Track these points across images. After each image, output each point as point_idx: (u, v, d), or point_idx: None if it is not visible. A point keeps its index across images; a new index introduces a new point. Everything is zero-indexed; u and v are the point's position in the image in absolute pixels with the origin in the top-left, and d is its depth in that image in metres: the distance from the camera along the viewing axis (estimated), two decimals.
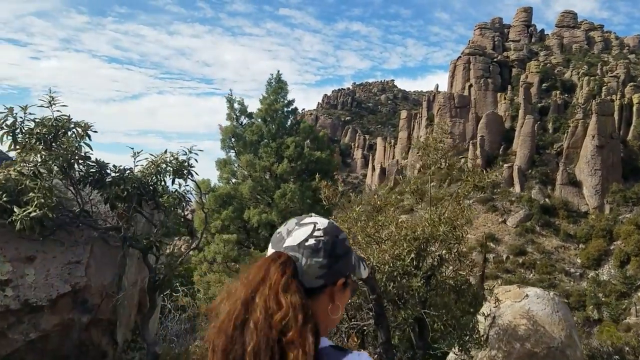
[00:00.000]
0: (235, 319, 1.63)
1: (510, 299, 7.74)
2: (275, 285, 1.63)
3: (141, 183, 5.15)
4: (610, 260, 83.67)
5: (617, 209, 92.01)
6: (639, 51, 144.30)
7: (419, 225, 6.52)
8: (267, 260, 1.76)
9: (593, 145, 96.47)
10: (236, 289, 1.72)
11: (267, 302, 1.60)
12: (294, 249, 1.75)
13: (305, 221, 1.85)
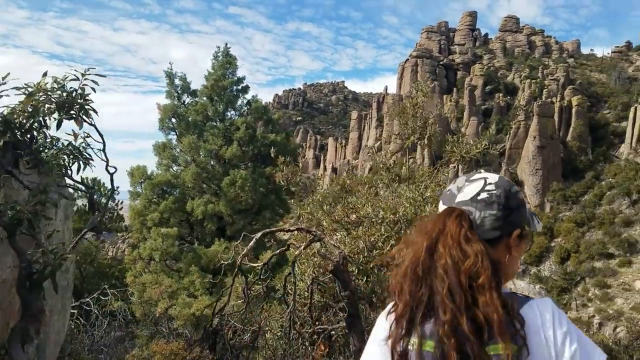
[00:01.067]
0: (422, 264, 1.70)
1: None
2: (456, 236, 1.71)
3: (10, 128, 3.35)
4: (551, 257, 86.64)
5: (557, 208, 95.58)
6: (578, 55, 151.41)
7: (400, 206, 5.41)
8: (442, 214, 1.83)
9: (534, 146, 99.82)
10: (414, 239, 1.80)
11: (451, 251, 1.68)
12: (466, 204, 1.82)
13: (475, 177, 1.90)
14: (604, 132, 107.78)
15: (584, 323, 69.90)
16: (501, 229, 1.79)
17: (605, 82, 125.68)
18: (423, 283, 1.68)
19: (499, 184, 1.85)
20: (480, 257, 1.65)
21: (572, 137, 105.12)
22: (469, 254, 1.66)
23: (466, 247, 1.68)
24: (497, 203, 1.79)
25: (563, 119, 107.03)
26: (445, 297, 1.60)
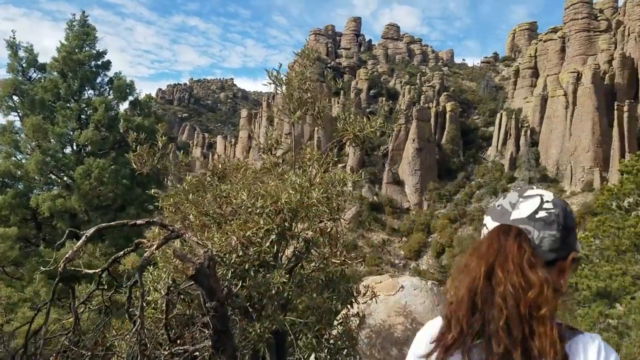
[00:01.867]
0: (480, 291, 1.60)
1: (383, 291, 6.27)
2: (519, 260, 1.61)
3: None
4: (428, 252, 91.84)
5: (433, 205, 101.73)
6: (451, 64, 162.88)
7: (282, 192, 4.51)
8: (496, 233, 1.71)
9: (413, 148, 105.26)
10: (467, 264, 1.69)
11: (512, 277, 1.57)
12: (524, 222, 1.70)
13: (530, 193, 1.79)
14: (474, 136, 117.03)
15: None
16: (558, 251, 1.69)
17: (475, 90, 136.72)
18: (481, 312, 1.57)
19: (557, 202, 1.74)
20: (546, 286, 1.55)
21: (447, 140, 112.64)
22: (534, 282, 1.55)
23: (530, 274, 1.57)
24: (556, 223, 1.69)
25: (438, 123, 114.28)
26: (502, 329, 1.51)
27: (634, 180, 12.01)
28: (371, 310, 6.11)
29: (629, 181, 12.07)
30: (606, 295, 10.35)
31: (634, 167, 12.32)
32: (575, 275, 10.85)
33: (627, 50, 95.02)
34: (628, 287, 10.19)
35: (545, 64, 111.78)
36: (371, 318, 6.05)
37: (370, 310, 6.10)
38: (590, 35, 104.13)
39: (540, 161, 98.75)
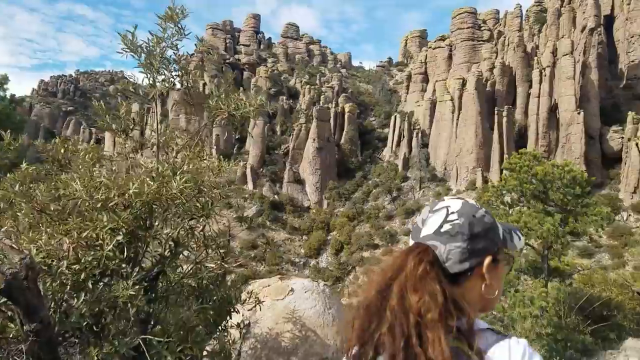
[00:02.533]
0: (372, 303, 1.68)
1: (270, 296, 5.65)
2: (412, 273, 1.67)
3: None
4: (328, 249, 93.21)
5: (333, 204, 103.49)
6: (349, 67, 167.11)
7: (134, 180, 3.60)
8: (405, 251, 1.79)
9: (313, 147, 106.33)
10: (371, 280, 1.78)
11: (402, 290, 1.64)
12: (431, 238, 1.76)
13: (438, 206, 1.82)
14: (371, 137, 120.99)
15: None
16: (469, 260, 1.70)
17: (371, 93, 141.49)
18: (373, 323, 1.64)
19: (462, 211, 1.76)
20: (430, 294, 1.58)
21: (345, 140, 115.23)
22: (420, 294, 1.60)
23: (418, 285, 1.62)
24: (460, 234, 1.71)
25: (338, 124, 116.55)
26: (385, 335, 1.57)
27: (516, 177, 12.67)
28: (257, 317, 5.48)
29: (512, 178, 12.72)
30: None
31: (517, 164, 13.00)
32: None
33: (507, 59, 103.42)
34: (513, 280, 10.62)
35: (435, 70, 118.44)
36: (257, 326, 5.42)
37: (256, 317, 5.46)
38: (474, 44, 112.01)
39: (431, 161, 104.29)
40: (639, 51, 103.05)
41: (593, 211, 12.44)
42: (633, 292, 15.24)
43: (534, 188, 12.57)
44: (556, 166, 13.30)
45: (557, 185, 12.72)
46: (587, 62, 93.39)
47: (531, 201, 13.01)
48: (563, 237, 11.43)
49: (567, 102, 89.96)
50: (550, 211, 12.62)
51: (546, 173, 12.77)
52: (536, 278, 12.10)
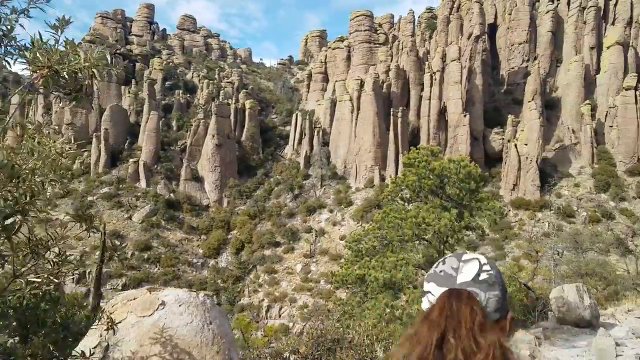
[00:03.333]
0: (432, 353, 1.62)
1: (135, 311, 4.70)
2: (470, 324, 1.64)
3: None
4: (228, 249, 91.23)
5: (233, 202, 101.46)
6: (250, 62, 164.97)
7: None
8: (447, 297, 1.74)
9: (213, 144, 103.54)
10: (418, 332, 1.70)
11: (463, 343, 1.60)
12: (470, 285, 1.76)
13: (466, 257, 1.85)
14: (272, 134, 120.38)
15: (255, 307, 76.10)
16: (500, 311, 1.73)
17: (273, 90, 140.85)
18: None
19: (491, 264, 1.80)
20: (493, 350, 1.57)
21: (246, 137, 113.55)
22: (482, 346, 1.58)
23: (479, 339, 1.59)
24: (497, 283, 1.75)
25: (238, 120, 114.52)
26: None
27: (415, 172, 12.71)
28: (118, 338, 4.53)
29: (411, 173, 12.75)
30: (392, 285, 10.57)
31: (415, 159, 13.05)
32: (363, 267, 10.87)
33: (401, 63, 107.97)
34: (411, 276, 10.53)
35: (334, 70, 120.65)
36: (117, 350, 4.47)
37: (116, 339, 4.52)
38: (371, 47, 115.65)
39: (331, 160, 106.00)
40: (519, 59, 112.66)
41: (487, 205, 12.71)
42: (520, 284, 16.03)
43: (432, 183, 12.66)
44: (452, 161, 13.50)
45: (453, 180, 12.92)
46: (473, 67, 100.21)
47: (429, 196, 13.12)
48: (459, 231, 11.53)
49: (455, 105, 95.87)
50: (447, 206, 12.75)
51: (443, 168, 12.94)
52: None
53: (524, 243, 76.19)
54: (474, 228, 12.57)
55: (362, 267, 10.74)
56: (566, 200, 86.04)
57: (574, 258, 42.93)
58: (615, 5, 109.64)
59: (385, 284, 10.44)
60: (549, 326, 14.60)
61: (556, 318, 15.71)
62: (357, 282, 10.60)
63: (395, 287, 10.55)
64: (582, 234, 70.04)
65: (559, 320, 15.65)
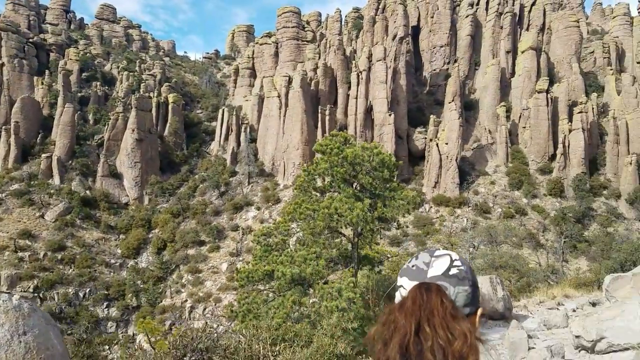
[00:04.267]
0: (411, 346, 1.67)
1: None
2: (443, 314, 1.71)
3: None
4: (149, 248, 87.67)
5: (155, 200, 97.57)
6: (173, 55, 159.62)
7: None
8: (418, 290, 1.81)
9: (133, 139, 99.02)
10: (396, 319, 1.77)
11: (439, 331, 1.67)
12: (440, 279, 1.83)
13: (438, 253, 1.92)
14: (197, 130, 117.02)
15: (178, 309, 73.54)
16: (470, 306, 1.81)
17: (198, 84, 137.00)
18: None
19: (463, 261, 1.89)
20: (469, 336, 1.66)
21: (169, 133, 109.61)
22: (458, 333, 1.66)
23: (454, 326, 1.68)
24: (467, 279, 1.83)
25: (160, 114, 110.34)
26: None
27: (327, 159, 12.15)
28: None
29: (323, 161, 12.19)
30: (301, 281, 9.97)
31: (328, 146, 12.49)
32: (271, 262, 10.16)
33: (329, 61, 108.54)
34: (322, 271, 9.96)
35: (262, 65, 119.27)
36: None
37: None
38: (299, 44, 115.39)
39: (259, 157, 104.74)
40: (440, 61, 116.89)
41: (400, 195, 12.34)
42: None
43: (344, 171, 12.06)
44: (366, 148, 12.99)
45: (366, 168, 12.44)
46: (397, 68, 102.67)
47: (342, 185, 12.55)
48: (372, 222, 11.05)
49: (380, 104, 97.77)
50: (360, 196, 12.24)
51: (356, 155, 12.37)
52: (346, 267, 11.68)
53: (444, 238, 79.06)
54: (388, 220, 12.14)
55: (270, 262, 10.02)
56: (483, 197, 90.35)
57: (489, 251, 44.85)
58: (530, 12, 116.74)
59: (294, 280, 9.80)
60: None
61: None
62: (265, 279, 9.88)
63: (305, 283, 9.94)
64: (497, 229, 73.81)
65: None
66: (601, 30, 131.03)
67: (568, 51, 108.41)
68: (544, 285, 31.69)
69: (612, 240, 70.08)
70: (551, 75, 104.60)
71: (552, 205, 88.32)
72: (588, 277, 32.21)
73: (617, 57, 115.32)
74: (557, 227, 79.89)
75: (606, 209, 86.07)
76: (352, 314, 8.77)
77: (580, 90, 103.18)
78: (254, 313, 9.53)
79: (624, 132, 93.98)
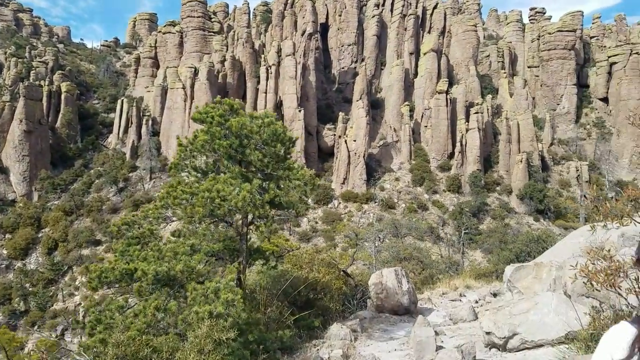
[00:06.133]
0: None
1: None
2: None
3: None
4: (39, 248, 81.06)
5: (45, 196, 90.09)
6: (68, 42, 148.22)
7: None
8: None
9: (21, 130, 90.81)
10: None
11: None
12: None
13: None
14: (94, 121, 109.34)
15: (70, 313, 68.11)
16: None
17: (95, 73, 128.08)
18: None
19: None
20: None
21: (62, 124, 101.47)
22: None
23: None
24: None
25: (52, 104, 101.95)
26: None
27: (208, 130, 10.58)
28: None
29: (203, 133, 10.64)
30: (169, 281, 8.49)
31: (209, 114, 10.89)
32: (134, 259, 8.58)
33: (237, 54, 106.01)
34: (197, 267, 8.52)
35: (165, 55, 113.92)
36: None
37: None
38: (205, 35, 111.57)
39: (162, 151, 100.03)
40: (348, 59, 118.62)
41: (296, 175, 10.88)
42: (339, 271, 15.32)
43: (229, 145, 10.43)
44: (255, 118, 11.15)
45: (255, 142, 10.75)
46: (307, 64, 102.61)
47: (227, 163, 10.94)
48: (262, 207, 9.65)
49: (290, 100, 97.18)
50: (249, 176, 10.76)
51: (242, 126, 10.55)
52: (233, 263, 10.30)
53: (352, 233, 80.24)
54: (284, 206, 10.70)
55: (132, 259, 8.45)
56: (388, 193, 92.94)
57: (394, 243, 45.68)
58: (432, 15, 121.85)
59: (160, 280, 8.35)
60: (367, 316, 13.97)
61: (375, 306, 15.19)
62: (125, 280, 8.33)
63: (175, 283, 8.50)
64: (401, 224, 76.09)
65: (378, 308, 15.13)
66: (496, 36, 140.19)
67: (466, 54, 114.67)
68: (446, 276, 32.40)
69: (505, 233, 74.96)
70: (451, 77, 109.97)
71: (450, 200, 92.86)
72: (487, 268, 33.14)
73: (510, 61, 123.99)
74: (455, 221, 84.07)
75: (499, 204, 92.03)
76: (229, 320, 7.47)
77: (477, 92, 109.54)
78: (104, 323, 7.94)
79: (516, 132, 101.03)
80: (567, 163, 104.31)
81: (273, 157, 10.50)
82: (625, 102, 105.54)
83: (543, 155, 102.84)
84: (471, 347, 10.07)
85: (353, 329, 11.52)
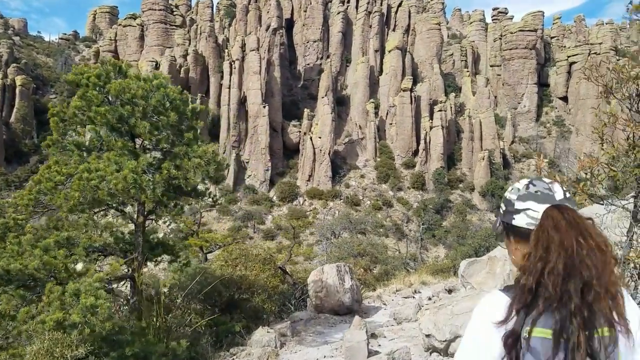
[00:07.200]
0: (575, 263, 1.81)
1: None
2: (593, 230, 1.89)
3: None
4: None
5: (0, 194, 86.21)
6: (24, 35, 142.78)
7: None
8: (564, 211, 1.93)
9: None
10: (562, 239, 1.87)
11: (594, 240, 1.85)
12: (567, 201, 1.98)
13: (547, 180, 2.06)
14: None
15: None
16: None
17: (52, 67, 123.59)
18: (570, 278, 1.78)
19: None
20: (611, 248, 1.88)
21: (16, 119, 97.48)
22: (608, 245, 1.85)
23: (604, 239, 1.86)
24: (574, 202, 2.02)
25: (6, 99, 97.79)
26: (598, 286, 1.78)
27: (83, 94, 8.82)
28: None
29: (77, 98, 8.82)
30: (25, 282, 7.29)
31: (85, 75, 9.06)
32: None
33: (200, 48, 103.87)
34: (59, 263, 7.23)
35: (126, 49, 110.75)
36: None
37: None
38: (167, 28, 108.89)
39: None
40: (313, 56, 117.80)
41: (197, 151, 8.84)
42: (276, 268, 14.55)
43: (107, 112, 8.47)
44: (144, 80, 9.06)
45: (144, 109, 8.71)
46: (272, 59, 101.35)
47: (110, 137, 9.18)
48: (153, 190, 8.11)
49: (255, 96, 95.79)
50: (138, 152, 9.00)
51: (125, 89, 8.52)
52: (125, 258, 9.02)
53: (316, 231, 79.60)
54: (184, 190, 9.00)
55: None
56: (354, 190, 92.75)
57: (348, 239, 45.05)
58: (396, 13, 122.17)
59: (12, 280, 7.18)
60: (304, 317, 13.15)
61: (314, 305, 14.46)
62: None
63: (31, 284, 7.32)
64: (366, 221, 75.89)
65: (317, 308, 14.38)
66: (460, 35, 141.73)
67: (430, 53, 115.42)
68: (402, 273, 31.95)
69: (466, 229, 75.62)
70: (415, 75, 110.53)
71: (415, 197, 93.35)
72: (445, 263, 32.84)
73: (473, 60, 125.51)
74: (419, 218, 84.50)
75: (462, 201, 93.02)
76: (86, 332, 6.30)
77: (441, 90, 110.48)
78: None
79: (478, 130, 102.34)
80: (527, 161, 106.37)
81: (167, 128, 9.05)
82: (583, 101, 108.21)
83: (505, 153, 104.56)
84: (405, 354, 9.29)
85: (282, 333, 10.68)
